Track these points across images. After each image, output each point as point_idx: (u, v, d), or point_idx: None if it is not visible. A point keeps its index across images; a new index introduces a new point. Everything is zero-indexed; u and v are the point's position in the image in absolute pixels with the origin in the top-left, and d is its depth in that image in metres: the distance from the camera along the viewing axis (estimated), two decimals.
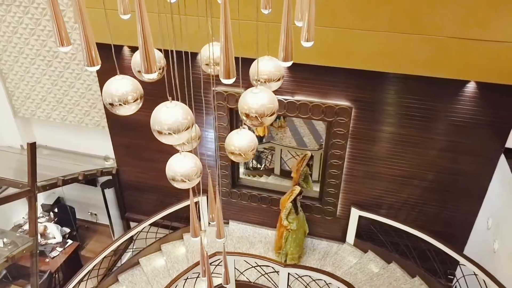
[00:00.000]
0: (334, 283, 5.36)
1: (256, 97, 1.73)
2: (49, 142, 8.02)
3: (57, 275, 7.77)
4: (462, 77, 4.86)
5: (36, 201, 6.37)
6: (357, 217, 6.41)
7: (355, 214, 6.40)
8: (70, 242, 8.18)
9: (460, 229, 6.11)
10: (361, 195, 6.33)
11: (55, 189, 7.13)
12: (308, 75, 5.45)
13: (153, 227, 6.93)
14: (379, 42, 4.70)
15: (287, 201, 6.05)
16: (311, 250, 6.72)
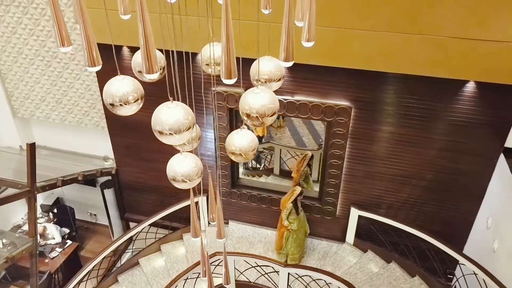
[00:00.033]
0: (334, 282, 5.36)
1: (257, 97, 1.73)
2: (48, 142, 8.01)
3: (56, 275, 7.77)
4: (462, 77, 4.87)
5: (35, 202, 6.36)
6: (356, 217, 6.42)
7: (354, 214, 6.41)
8: (69, 242, 8.17)
9: (459, 228, 6.11)
10: (361, 195, 6.33)
11: (54, 189, 7.13)
12: (307, 75, 5.45)
13: (152, 228, 6.93)
14: (379, 42, 4.71)
15: (287, 202, 6.04)
16: (311, 250, 6.72)
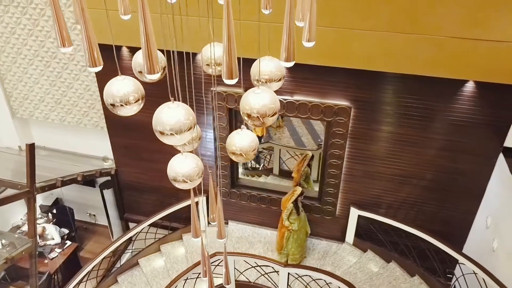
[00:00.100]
0: (334, 282, 5.36)
1: (258, 97, 1.73)
2: (48, 143, 7.99)
3: (56, 276, 7.76)
4: (461, 76, 4.87)
5: (35, 202, 6.35)
6: (356, 217, 6.42)
7: (354, 213, 6.41)
8: (69, 243, 8.16)
9: (459, 228, 6.12)
10: (360, 194, 6.34)
11: (54, 190, 7.12)
12: (307, 75, 5.45)
13: (152, 228, 6.92)
14: (379, 42, 4.71)
15: (288, 202, 6.02)
16: (311, 250, 6.73)
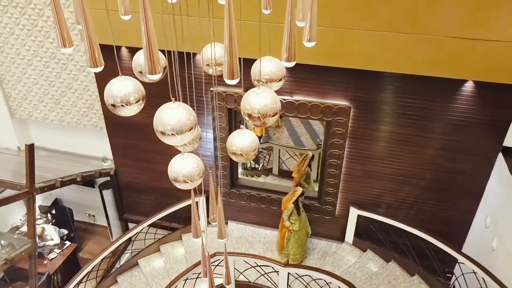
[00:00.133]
0: (334, 282, 5.37)
1: (258, 98, 1.73)
2: (46, 143, 7.98)
3: (55, 277, 7.74)
4: (461, 76, 4.88)
5: (34, 203, 6.34)
6: (356, 217, 6.43)
7: (354, 213, 6.42)
8: (68, 243, 8.15)
9: (458, 227, 6.13)
10: (360, 194, 6.34)
11: (53, 190, 7.10)
12: (307, 75, 5.45)
13: (151, 228, 6.91)
14: (379, 42, 4.71)
15: (289, 202, 6.02)
16: (310, 249, 6.73)
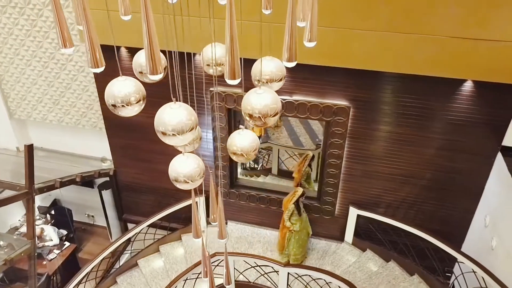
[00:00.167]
0: (334, 282, 5.37)
1: (259, 98, 1.73)
2: (45, 144, 7.96)
3: (54, 277, 7.72)
4: (461, 76, 4.88)
5: (33, 203, 6.33)
6: (355, 216, 6.43)
7: (353, 213, 6.42)
8: (67, 244, 8.13)
9: (457, 227, 6.14)
10: (359, 194, 6.35)
11: (52, 191, 7.09)
12: (306, 75, 5.45)
13: (151, 228, 6.90)
14: (379, 42, 4.71)
15: (289, 202, 6.01)
16: (310, 249, 6.73)
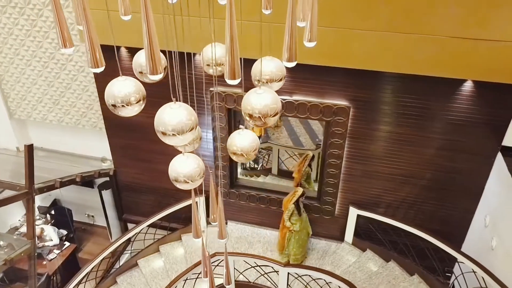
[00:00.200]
0: (334, 282, 5.37)
1: (259, 98, 1.73)
2: (45, 144, 7.97)
3: (54, 277, 7.73)
4: (461, 76, 4.88)
5: (33, 203, 6.33)
6: (355, 216, 6.43)
7: (353, 213, 6.42)
8: (67, 244, 8.13)
9: (457, 227, 6.14)
10: (359, 194, 6.35)
11: (52, 191, 7.09)
12: (306, 75, 5.45)
13: (151, 228, 6.90)
14: (379, 42, 4.71)
15: (289, 203, 6.01)
16: (310, 249, 6.73)
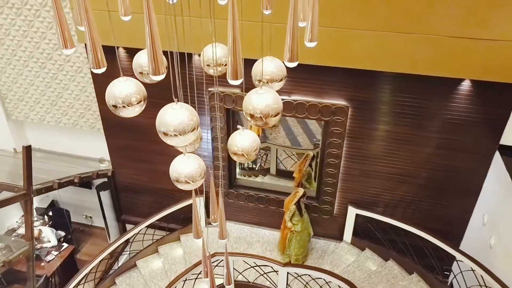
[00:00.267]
0: (333, 281, 5.38)
1: (260, 98, 1.73)
2: (43, 145, 7.94)
3: (53, 279, 7.70)
4: (460, 75, 4.89)
5: (32, 205, 6.30)
6: (354, 216, 6.44)
7: (352, 212, 6.43)
8: (65, 245, 8.11)
9: (456, 225, 6.16)
10: (358, 193, 6.36)
11: (50, 192, 7.06)
12: (305, 75, 5.45)
13: (149, 229, 6.89)
14: (378, 41, 4.72)
15: (291, 203, 6.00)
16: (309, 249, 6.73)
